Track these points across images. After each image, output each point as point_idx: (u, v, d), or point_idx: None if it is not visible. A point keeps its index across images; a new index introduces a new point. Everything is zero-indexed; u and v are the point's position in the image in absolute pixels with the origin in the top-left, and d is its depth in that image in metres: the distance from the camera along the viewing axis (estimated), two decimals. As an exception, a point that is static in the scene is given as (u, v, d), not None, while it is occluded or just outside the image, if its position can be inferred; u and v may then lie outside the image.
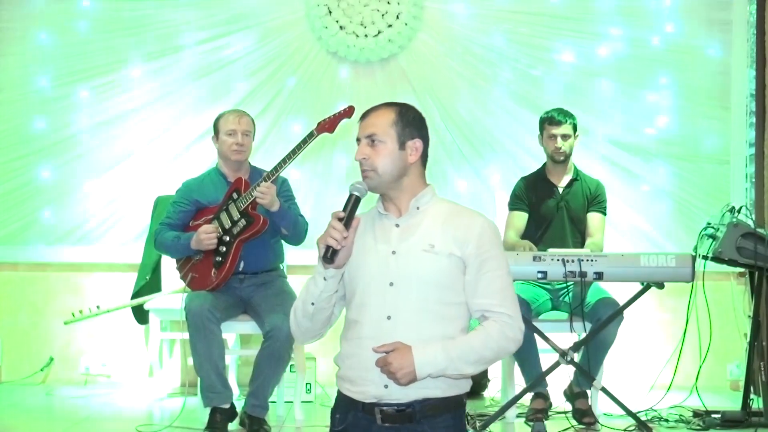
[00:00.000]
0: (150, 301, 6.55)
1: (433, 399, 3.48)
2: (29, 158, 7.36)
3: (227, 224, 5.74)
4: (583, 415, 5.88)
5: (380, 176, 3.55)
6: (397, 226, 3.59)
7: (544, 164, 6.42)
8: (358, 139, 3.61)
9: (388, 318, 3.47)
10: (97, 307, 6.85)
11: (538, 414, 5.87)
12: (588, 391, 5.97)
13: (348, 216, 3.49)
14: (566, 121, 6.22)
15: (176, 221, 5.93)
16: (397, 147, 3.57)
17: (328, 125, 5.78)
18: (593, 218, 6.32)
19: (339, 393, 3.64)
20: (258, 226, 5.66)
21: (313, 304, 3.51)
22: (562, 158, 6.27)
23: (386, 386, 3.45)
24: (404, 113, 3.63)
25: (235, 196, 5.76)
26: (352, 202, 3.51)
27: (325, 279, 3.49)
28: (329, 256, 3.42)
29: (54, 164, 7.36)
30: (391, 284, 3.49)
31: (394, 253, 3.52)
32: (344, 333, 3.63)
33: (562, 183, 6.35)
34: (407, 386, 3.42)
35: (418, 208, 3.61)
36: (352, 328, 3.55)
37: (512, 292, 3.58)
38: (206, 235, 5.68)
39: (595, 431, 5.77)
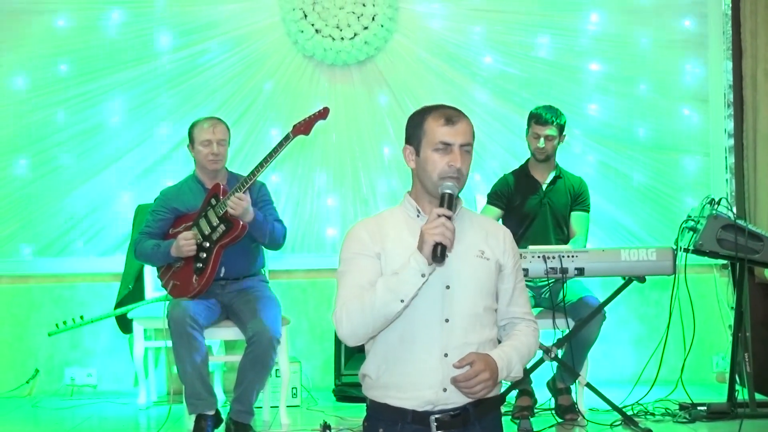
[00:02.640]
0: (133, 310, 6.53)
1: (484, 399, 3.49)
2: (8, 169, 7.33)
3: (206, 230, 5.73)
4: (566, 411, 5.90)
5: (462, 185, 3.54)
6: None
7: (528, 160, 6.41)
8: (447, 143, 3.50)
9: (447, 321, 3.46)
10: (81, 317, 6.82)
11: (524, 411, 5.86)
12: (571, 387, 5.98)
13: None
14: (553, 122, 6.17)
15: (155, 230, 5.92)
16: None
17: (304, 127, 5.77)
18: (577, 218, 6.32)
19: (376, 404, 3.56)
20: (237, 230, 5.65)
21: (402, 301, 3.37)
22: (542, 158, 6.26)
23: (445, 389, 3.43)
24: None
25: (213, 201, 5.75)
26: (447, 200, 3.45)
27: (423, 276, 3.36)
28: (440, 254, 3.32)
29: (34, 176, 7.32)
30: (448, 287, 3.47)
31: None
32: (383, 337, 3.52)
33: (545, 180, 6.33)
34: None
35: (458, 214, 3.59)
36: (401, 332, 3.47)
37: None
38: (185, 241, 5.67)
39: (580, 426, 5.78)
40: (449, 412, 3.44)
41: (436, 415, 3.43)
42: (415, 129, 3.57)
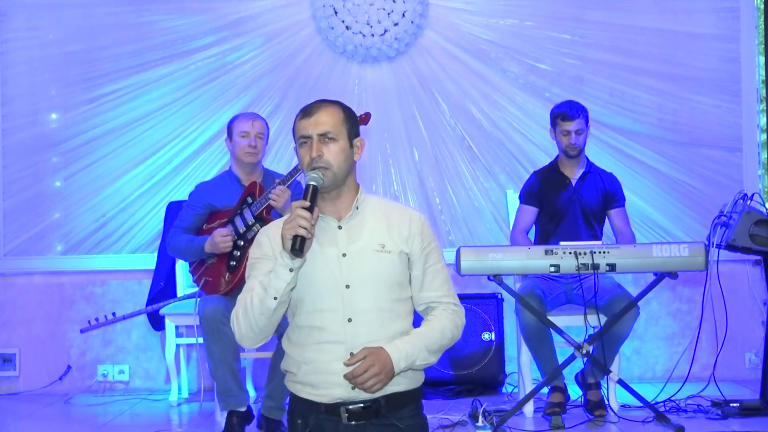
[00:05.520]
0: (165, 307, 6.55)
1: (397, 393, 3.54)
2: (41, 167, 7.37)
3: (242, 229, 5.74)
4: (595, 407, 5.87)
5: (335, 174, 3.55)
6: (340, 228, 3.60)
7: (557, 157, 6.40)
8: (305, 137, 3.57)
9: (349, 321, 3.51)
10: (113, 314, 6.86)
11: (556, 408, 5.84)
12: (601, 382, 5.96)
13: (311, 205, 3.45)
14: (579, 116, 6.20)
15: (189, 225, 5.94)
16: (348, 145, 3.60)
17: None
18: (617, 215, 6.33)
19: (294, 397, 3.64)
20: (273, 231, 5.66)
21: (275, 298, 3.44)
22: (575, 153, 6.25)
23: (354, 387, 3.48)
24: (349, 111, 3.68)
25: (249, 200, 5.76)
26: (311, 192, 3.47)
27: (291, 270, 3.43)
28: (298, 246, 3.37)
29: (66, 173, 7.36)
30: (348, 287, 3.52)
31: (344, 255, 3.54)
32: (294, 339, 3.61)
33: (575, 176, 6.32)
34: None
35: (357, 208, 3.63)
36: (308, 334, 3.55)
37: (450, 281, 3.73)
38: (222, 237, 5.69)
39: (612, 423, 5.75)
40: (360, 403, 3.51)
41: (348, 407, 3.51)
42: (292, 130, 3.67)
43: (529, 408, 5.96)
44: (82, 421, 6.41)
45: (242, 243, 5.74)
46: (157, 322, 6.93)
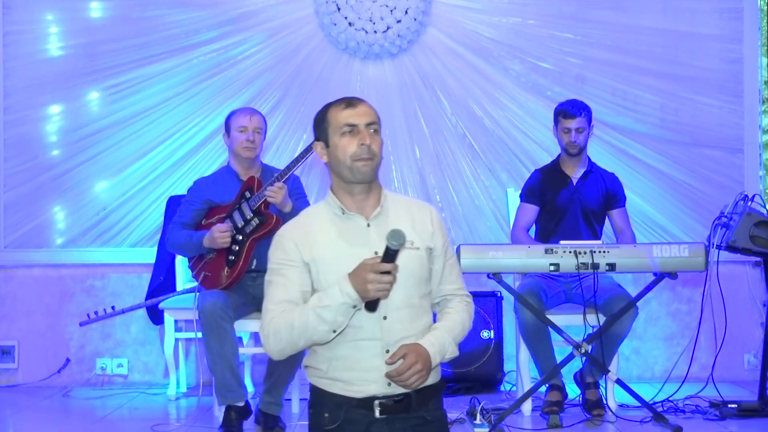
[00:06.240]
0: (164, 301, 6.55)
1: (426, 387, 3.54)
2: (42, 160, 7.37)
3: (240, 223, 5.74)
4: (594, 406, 5.87)
5: (377, 165, 3.59)
6: (369, 225, 3.59)
7: (559, 155, 6.40)
8: (352, 125, 3.57)
9: (385, 318, 3.49)
10: (112, 307, 6.87)
11: (554, 406, 5.85)
12: (599, 381, 5.96)
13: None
14: (581, 114, 6.19)
15: (188, 220, 5.93)
16: (381, 139, 3.64)
17: None
18: (618, 215, 6.33)
19: (320, 391, 3.59)
20: (271, 225, 5.66)
21: (335, 331, 3.41)
22: (576, 152, 6.25)
23: (389, 384, 3.48)
24: None
25: (247, 194, 5.76)
26: (392, 255, 3.36)
27: (355, 306, 3.39)
28: (374, 306, 3.40)
29: (67, 166, 7.36)
30: None
31: (376, 254, 3.48)
32: None
33: (576, 175, 6.32)
34: None
35: (382, 206, 3.62)
36: (342, 332, 3.48)
37: (461, 273, 3.81)
38: (220, 233, 5.68)
39: (609, 423, 5.75)
40: (393, 397, 3.50)
41: (380, 400, 3.50)
42: (320, 123, 3.66)
43: (527, 406, 5.96)
44: (81, 414, 6.42)
45: (240, 237, 5.74)
46: (156, 316, 6.93)
